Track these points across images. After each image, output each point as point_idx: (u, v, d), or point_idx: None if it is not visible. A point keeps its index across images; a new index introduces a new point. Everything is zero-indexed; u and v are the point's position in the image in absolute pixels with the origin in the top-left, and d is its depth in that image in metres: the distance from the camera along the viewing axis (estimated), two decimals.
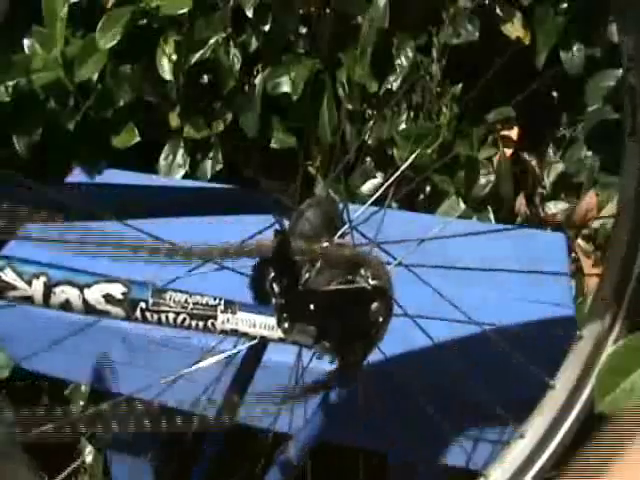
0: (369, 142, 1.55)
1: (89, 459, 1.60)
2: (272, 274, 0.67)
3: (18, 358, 1.28)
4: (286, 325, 0.67)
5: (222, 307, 0.65)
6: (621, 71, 0.83)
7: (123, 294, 0.63)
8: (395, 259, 0.82)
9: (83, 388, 1.48)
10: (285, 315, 0.67)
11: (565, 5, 1.52)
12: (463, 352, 1.07)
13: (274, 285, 0.67)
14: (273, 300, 0.67)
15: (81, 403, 1.48)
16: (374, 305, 0.69)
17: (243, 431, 1.06)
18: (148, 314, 0.63)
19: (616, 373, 0.95)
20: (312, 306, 0.67)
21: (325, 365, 0.75)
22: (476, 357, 1.06)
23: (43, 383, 1.57)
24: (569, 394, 1.02)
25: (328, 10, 1.52)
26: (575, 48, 1.53)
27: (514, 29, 1.48)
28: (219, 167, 1.56)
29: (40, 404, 1.57)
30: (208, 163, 1.57)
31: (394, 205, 1.57)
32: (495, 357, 1.04)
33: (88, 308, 0.62)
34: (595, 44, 1.53)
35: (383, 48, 1.50)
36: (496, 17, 1.49)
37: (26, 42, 1.46)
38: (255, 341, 0.68)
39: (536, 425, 0.99)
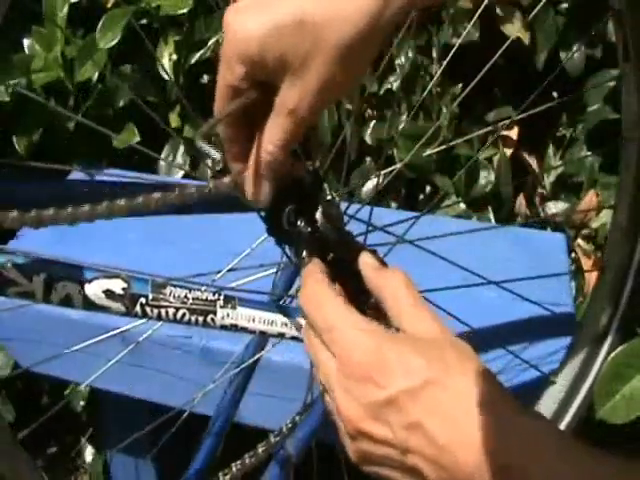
0: (369, 142, 1.55)
1: (89, 459, 1.60)
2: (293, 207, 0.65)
3: (19, 359, 1.28)
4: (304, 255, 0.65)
5: (221, 302, 0.65)
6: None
7: (123, 289, 0.63)
8: (397, 237, 0.82)
9: (83, 388, 1.48)
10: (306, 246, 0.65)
11: (565, 5, 1.52)
12: None
13: (296, 218, 0.65)
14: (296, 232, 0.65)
15: (81, 403, 1.48)
16: None
17: (243, 430, 1.06)
18: (148, 309, 0.63)
19: (616, 380, 0.95)
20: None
21: None
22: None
23: (43, 383, 1.57)
24: (568, 392, 1.02)
25: None
26: (575, 48, 1.53)
27: (514, 29, 1.48)
28: (219, 167, 1.56)
29: (40, 404, 1.58)
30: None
31: (393, 205, 1.58)
32: (494, 355, 1.04)
33: (88, 303, 0.62)
34: (595, 44, 1.53)
35: (383, 48, 1.50)
36: (496, 17, 1.49)
37: (26, 42, 1.46)
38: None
39: None
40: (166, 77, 1.51)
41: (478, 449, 0.49)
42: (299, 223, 0.65)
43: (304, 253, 0.64)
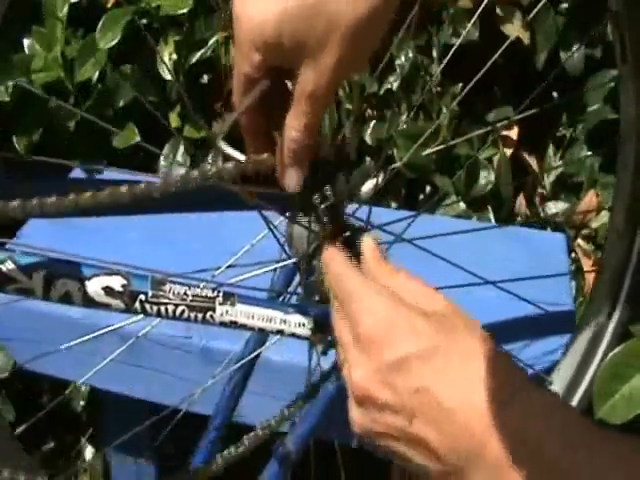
0: (369, 142, 1.55)
1: (89, 459, 1.60)
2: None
3: (18, 358, 1.28)
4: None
5: (220, 299, 0.65)
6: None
7: (123, 286, 0.63)
8: (395, 236, 0.82)
9: (83, 388, 1.48)
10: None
11: (565, 5, 1.52)
12: None
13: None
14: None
15: (81, 403, 1.48)
16: None
17: (243, 429, 1.06)
18: (147, 306, 0.63)
19: (615, 379, 0.95)
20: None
21: None
22: None
23: (43, 383, 1.57)
24: (565, 391, 1.02)
25: None
26: (575, 48, 1.53)
27: (514, 29, 1.48)
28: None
29: (40, 404, 1.57)
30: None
31: (393, 205, 1.58)
32: None
33: (88, 301, 0.62)
34: (595, 44, 1.53)
35: (383, 48, 1.50)
36: (496, 17, 1.49)
37: (26, 42, 1.46)
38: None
39: None
40: (166, 77, 1.51)
41: (486, 417, 0.49)
42: (326, 190, 0.65)
43: (325, 219, 0.65)
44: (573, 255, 1.53)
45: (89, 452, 1.60)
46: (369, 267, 0.62)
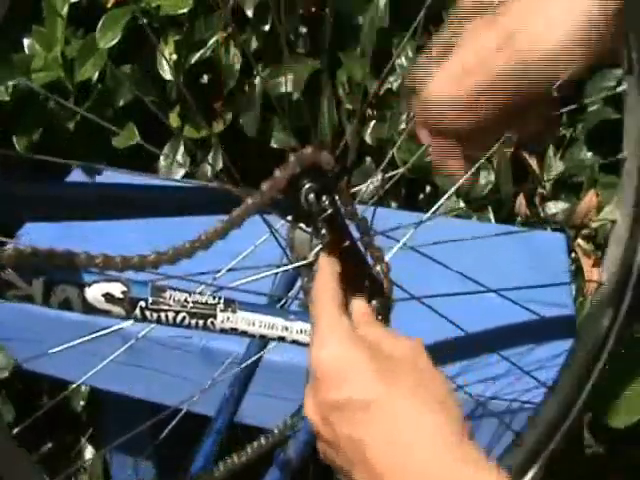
0: (369, 142, 1.54)
1: (89, 459, 1.60)
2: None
3: (18, 358, 1.28)
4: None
5: (222, 306, 0.65)
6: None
7: (123, 293, 0.63)
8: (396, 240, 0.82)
9: (83, 388, 1.48)
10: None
11: None
12: (461, 351, 1.07)
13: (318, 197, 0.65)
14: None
15: (81, 403, 1.48)
16: None
17: (242, 429, 1.06)
18: (148, 313, 0.63)
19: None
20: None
21: None
22: (473, 356, 1.07)
23: (43, 383, 1.57)
24: (569, 394, 1.02)
25: (328, 10, 1.51)
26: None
27: None
28: (219, 167, 1.56)
29: (40, 405, 1.57)
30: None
31: (393, 205, 1.58)
32: (494, 360, 1.04)
33: (88, 307, 0.62)
34: None
35: (383, 48, 1.50)
36: None
37: (26, 42, 1.46)
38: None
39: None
40: (166, 77, 1.51)
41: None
42: (324, 200, 0.65)
43: (324, 231, 0.65)
44: (573, 255, 1.53)
45: (89, 452, 1.60)
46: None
